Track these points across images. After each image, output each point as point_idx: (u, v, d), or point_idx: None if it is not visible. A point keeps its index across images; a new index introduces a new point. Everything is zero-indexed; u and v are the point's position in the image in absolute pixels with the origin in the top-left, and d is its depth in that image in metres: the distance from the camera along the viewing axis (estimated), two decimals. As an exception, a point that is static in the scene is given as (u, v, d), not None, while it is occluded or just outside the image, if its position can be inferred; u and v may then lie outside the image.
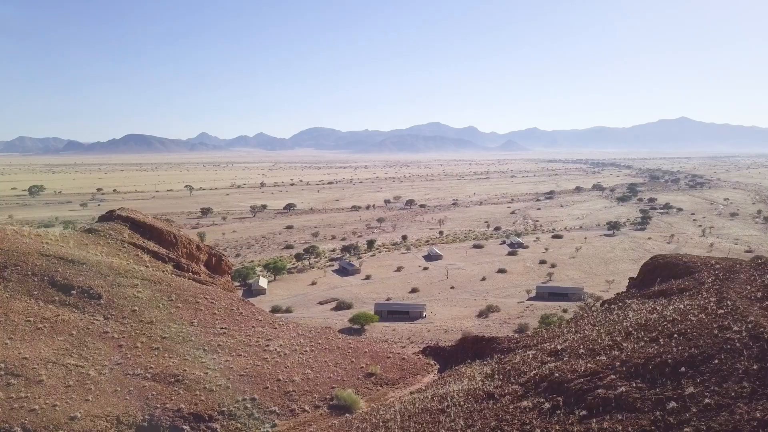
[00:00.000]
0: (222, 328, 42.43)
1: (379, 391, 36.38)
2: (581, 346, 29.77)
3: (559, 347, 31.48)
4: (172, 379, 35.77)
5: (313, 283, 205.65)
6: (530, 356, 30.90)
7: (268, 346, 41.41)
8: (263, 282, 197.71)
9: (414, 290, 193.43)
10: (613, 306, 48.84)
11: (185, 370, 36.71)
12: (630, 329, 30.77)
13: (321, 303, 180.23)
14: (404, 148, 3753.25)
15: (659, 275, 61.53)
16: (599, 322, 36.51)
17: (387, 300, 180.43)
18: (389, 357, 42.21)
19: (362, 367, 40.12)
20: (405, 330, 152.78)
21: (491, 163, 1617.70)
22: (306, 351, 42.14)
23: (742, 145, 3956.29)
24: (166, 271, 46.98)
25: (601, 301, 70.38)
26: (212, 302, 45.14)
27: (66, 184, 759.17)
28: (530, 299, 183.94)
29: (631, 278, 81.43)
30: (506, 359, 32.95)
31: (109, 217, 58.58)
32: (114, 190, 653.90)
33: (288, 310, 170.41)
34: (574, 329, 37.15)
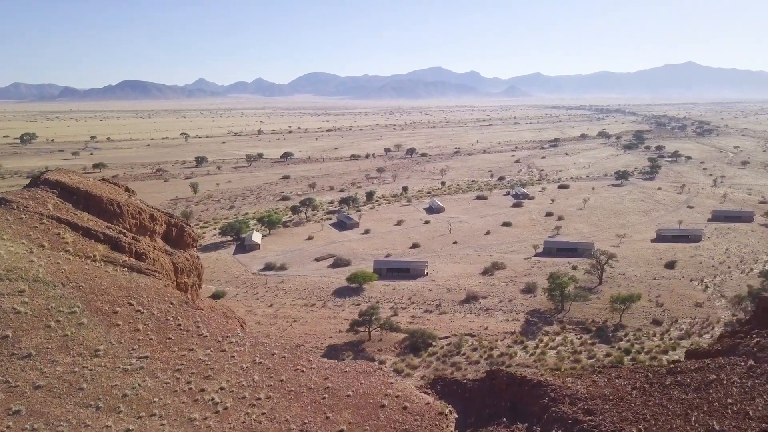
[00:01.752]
0: (141, 357, 28.03)
1: (365, 485, 23.96)
2: None
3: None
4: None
5: (310, 238, 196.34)
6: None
7: (203, 391, 27.02)
8: (257, 237, 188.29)
9: (415, 245, 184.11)
10: (758, 369, 29.82)
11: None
12: None
13: (317, 259, 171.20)
14: (405, 93, 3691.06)
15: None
16: (754, 408, 22.45)
17: (387, 256, 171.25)
18: (383, 405, 29.10)
19: (342, 431, 27.15)
20: (405, 289, 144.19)
21: (494, 109, 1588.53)
22: (260, 399, 27.90)
23: (749, 91, 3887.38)
24: (93, 256, 35.90)
25: (717, 338, 50.03)
26: (139, 310, 31.23)
27: (60, 132, 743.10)
28: (537, 255, 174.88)
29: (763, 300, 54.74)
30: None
31: (36, 182, 47.07)
32: (108, 138, 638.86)
33: (282, 267, 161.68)
34: (700, 412, 22.75)
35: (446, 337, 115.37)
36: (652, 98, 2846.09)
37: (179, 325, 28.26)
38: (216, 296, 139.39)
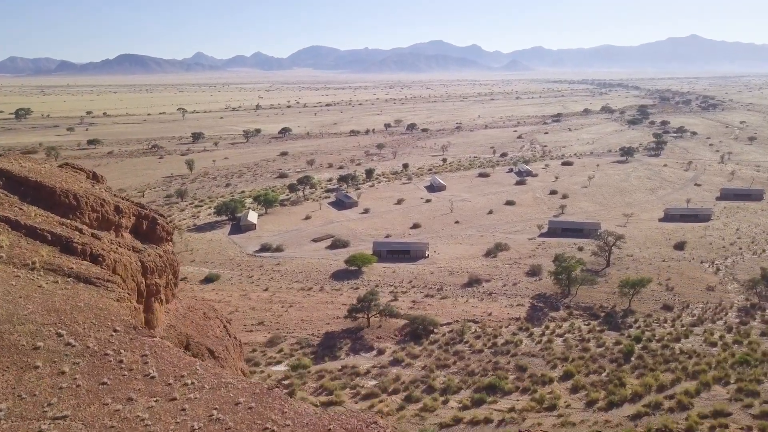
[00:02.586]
0: (57, 417, 20.24)
1: None
2: None
3: None
4: None
5: (307, 218, 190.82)
6: None
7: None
8: (253, 216, 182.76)
9: (415, 226, 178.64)
10: None
11: None
12: None
13: (315, 240, 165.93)
14: (405, 67, 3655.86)
15: None
16: None
17: (386, 237, 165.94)
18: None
19: None
20: (406, 272, 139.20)
21: (495, 83, 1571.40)
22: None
23: (753, 65, 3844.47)
24: (31, 264, 28.96)
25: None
26: (69, 342, 23.97)
27: (55, 107, 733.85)
28: (542, 235, 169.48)
29: None
30: None
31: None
32: (104, 113, 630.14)
33: (279, 249, 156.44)
34: None
35: (448, 324, 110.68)
36: (655, 72, 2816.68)
37: (121, 362, 21.55)
38: (209, 279, 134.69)
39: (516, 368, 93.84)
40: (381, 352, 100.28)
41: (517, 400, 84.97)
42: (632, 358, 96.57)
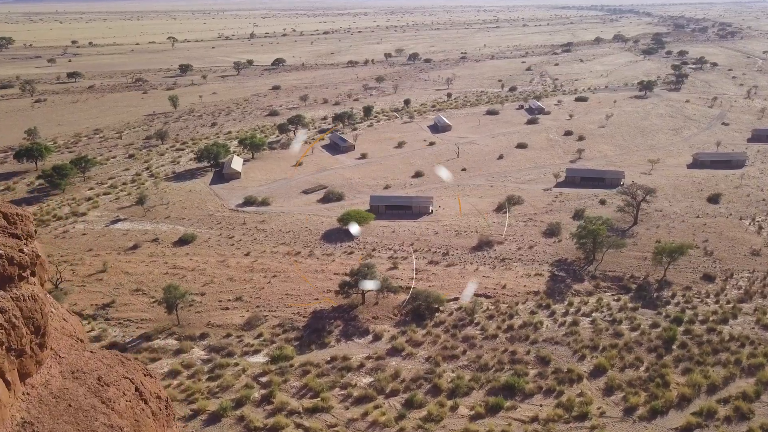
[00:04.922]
0: None
1: None
2: None
3: None
4: None
5: (298, 164, 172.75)
6: None
7: None
8: (237, 163, 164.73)
9: (418, 174, 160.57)
10: None
11: None
12: None
13: (306, 192, 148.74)
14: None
15: None
16: None
17: (385, 189, 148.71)
18: None
19: None
20: (407, 232, 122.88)
21: (501, 9, 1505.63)
22: None
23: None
24: None
25: None
26: None
27: (40, 36, 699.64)
28: (558, 185, 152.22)
29: None
30: None
31: None
32: (90, 43, 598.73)
33: (264, 202, 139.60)
34: None
35: (455, 299, 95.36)
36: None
37: None
38: (184, 240, 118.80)
39: (537, 360, 79.11)
40: (377, 337, 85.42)
41: (541, 405, 70.57)
42: (674, 347, 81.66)
